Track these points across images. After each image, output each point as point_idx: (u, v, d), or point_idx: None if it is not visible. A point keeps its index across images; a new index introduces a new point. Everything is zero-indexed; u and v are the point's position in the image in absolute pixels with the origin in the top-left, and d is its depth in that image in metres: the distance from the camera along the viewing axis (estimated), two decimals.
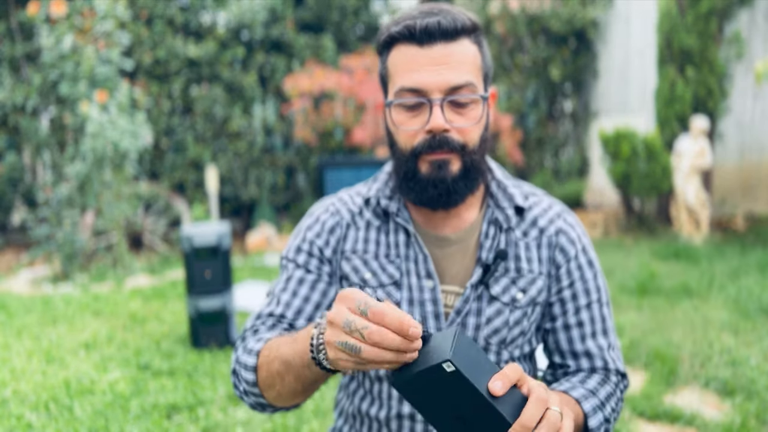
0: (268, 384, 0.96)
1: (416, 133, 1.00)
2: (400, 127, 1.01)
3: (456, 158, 1.01)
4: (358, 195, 1.15)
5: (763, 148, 6.53)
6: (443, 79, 0.97)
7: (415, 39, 0.98)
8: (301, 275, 1.09)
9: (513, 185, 1.13)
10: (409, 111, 1.00)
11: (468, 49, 0.99)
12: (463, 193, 1.04)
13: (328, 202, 1.17)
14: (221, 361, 3.32)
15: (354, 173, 3.76)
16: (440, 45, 0.97)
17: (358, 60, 6.70)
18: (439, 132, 0.98)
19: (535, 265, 1.07)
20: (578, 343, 1.08)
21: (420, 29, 0.96)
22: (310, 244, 1.12)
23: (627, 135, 6.05)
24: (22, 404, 2.82)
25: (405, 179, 1.04)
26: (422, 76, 0.97)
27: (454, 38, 0.98)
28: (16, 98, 6.32)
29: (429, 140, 0.99)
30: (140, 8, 6.70)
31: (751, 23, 6.42)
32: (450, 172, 1.01)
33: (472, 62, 0.99)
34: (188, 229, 3.58)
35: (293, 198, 7.58)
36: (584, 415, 0.97)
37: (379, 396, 1.08)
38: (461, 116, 1.00)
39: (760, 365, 2.99)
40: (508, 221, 1.08)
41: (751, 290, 4.16)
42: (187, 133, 6.99)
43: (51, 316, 4.20)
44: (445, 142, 0.99)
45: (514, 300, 1.05)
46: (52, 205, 5.52)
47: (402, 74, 0.99)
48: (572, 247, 1.09)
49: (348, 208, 1.14)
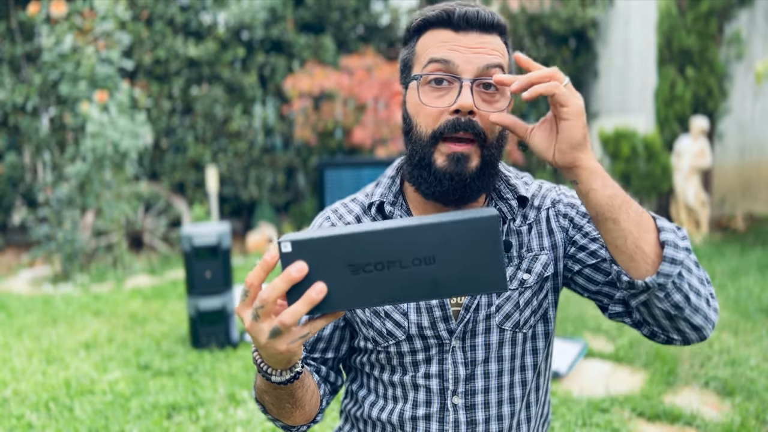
0: (276, 413, 0.97)
1: (440, 113, 0.96)
2: (425, 105, 0.97)
3: (476, 151, 0.97)
4: (353, 202, 1.13)
5: (763, 148, 6.53)
6: (475, 59, 0.95)
7: (452, 24, 0.96)
8: None
9: (515, 176, 1.12)
10: (436, 90, 0.96)
11: (500, 45, 0.99)
12: (479, 191, 1.00)
13: (323, 217, 1.14)
14: (221, 361, 3.32)
15: (354, 173, 3.75)
16: (475, 34, 0.96)
17: (358, 60, 6.70)
18: (466, 112, 0.94)
19: (535, 243, 1.06)
20: (603, 251, 1.01)
21: (459, 15, 0.95)
22: None
23: (627, 135, 6.05)
24: (22, 404, 2.82)
25: (419, 167, 0.99)
26: (454, 54, 0.95)
27: (488, 31, 0.97)
28: (16, 98, 6.32)
29: (454, 121, 0.94)
30: (140, 8, 6.70)
31: (751, 23, 6.42)
32: (468, 167, 0.96)
33: (502, 56, 0.98)
34: (188, 229, 3.58)
35: (293, 198, 7.58)
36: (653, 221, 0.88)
37: (393, 400, 1.07)
38: (488, 103, 0.96)
39: (760, 365, 2.99)
40: (512, 212, 1.07)
41: (751, 290, 4.16)
42: (187, 133, 6.99)
43: (51, 316, 4.20)
44: (470, 126, 0.94)
45: (522, 282, 1.04)
46: (52, 205, 5.52)
47: (433, 49, 0.97)
48: (572, 208, 1.08)
49: (345, 221, 1.11)
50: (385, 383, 1.08)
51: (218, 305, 3.51)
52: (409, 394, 1.05)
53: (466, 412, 1.03)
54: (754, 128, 6.55)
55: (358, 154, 6.67)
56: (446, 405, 1.03)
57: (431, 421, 1.04)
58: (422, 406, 1.04)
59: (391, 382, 1.07)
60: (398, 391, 1.06)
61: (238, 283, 4.85)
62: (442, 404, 1.03)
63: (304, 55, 7.25)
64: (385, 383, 1.08)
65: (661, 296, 0.86)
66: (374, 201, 1.08)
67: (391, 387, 1.07)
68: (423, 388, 1.04)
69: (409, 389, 1.05)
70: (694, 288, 0.88)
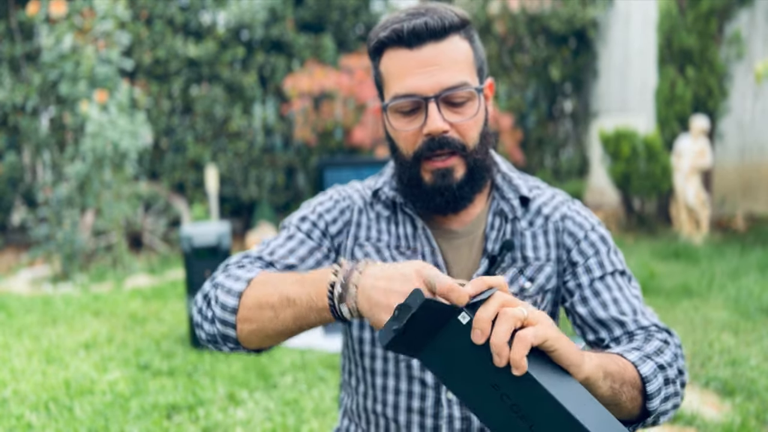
0: (251, 316, 0.91)
1: (416, 136, 0.99)
2: (399, 130, 1.01)
3: (459, 163, 1.00)
4: (368, 188, 1.15)
5: (763, 148, 6.53)
6: (436, 80, 0.96)
7: (403, 42, 0.97)
8: (302, 238, 1.08)
9: (518, 177, 1.12)
10: (406, 115, 1.00)
11: (459, 47, 0.98)
12: (470, 197, 1.03)
13: (341, 187, 1.17)
14: (221, 361, 3.32)
15: (354, 173, 3.75)
16: (429, 45, 0.96)
17: (358, 60, 6.69)
18: (438, 134, 0.98)
19: (542, 252, 1.06)
20: (600, 311, 1.02)
21: (408, 32, 0.96)
22: (318, 216, 1.10)
23: (627, 135, 6.05)
24: (22, 404, 2.82)
25: (409, 186, 1.03)
26: (415, 80, 0.97)
27: (443, 37, 0.97)
28: (16, 98, 6.32)
29: (428, 143, 0.98)
30: (140, 8, 6.70)
31: (751, 23, 6.42)
32: (454, 179, 1.00)
33: (464, 60, 0.99)
34: (188, 229, 3.58)
35: (293, 198, 7.57)
36: (632, 364, 0.88)
37: (383, 390, 1.07)
38: (458, 114, 0.99)
39: (760, 365, 2.99)
40: (513, 211, 1.07)
41: (751, 290, 4.16)
42: (187, 133, 6.99)
43: (51, 316, 4.19)
44: (446, 143, 0.98)
45: (522, 290, 1.04)
46: (52, 205, 5.52)
47: (395, 80, 0.99)
48: (580, 229, 1.08)
49: (360, 195, 1.13)
50: (379, 373, 1.07)
51: None
52: (403, 386, 1.05)
53: (460, 407, 1.03)
54: (754, 128, 6.54)
55: (358, 154, 6.66)
56: (440, 400, 1.03)
57: (425, 415, 1.04)
58: (416, 399, 1.04)
59: (385, 372, 1.06)
60: (391, 382, 1.06)
61: None
62: (436, 398, 1.03)
63: (304, 54, 7.25)
64: (378, 373, 1.07)
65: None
66: (379, 187, 1.12)
67: (383, 377, 1.07)
68: (417, 381, 1.04)
69: (402, 381, 1.05)
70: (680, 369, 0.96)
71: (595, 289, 1.04)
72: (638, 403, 0.88)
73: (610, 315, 1.01)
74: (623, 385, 0.84)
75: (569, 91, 7.92)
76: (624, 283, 1.05)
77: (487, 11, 7.54)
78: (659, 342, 0.96)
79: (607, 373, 0.80)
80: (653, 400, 0.88)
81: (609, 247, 1.08)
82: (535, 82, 7.67)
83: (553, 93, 7.85)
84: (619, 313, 1.01)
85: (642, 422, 0.90)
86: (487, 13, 7.53)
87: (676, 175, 5.85)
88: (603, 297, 1.03)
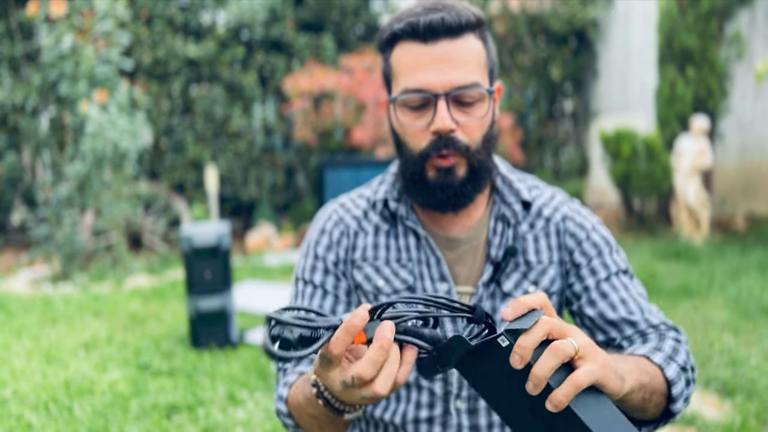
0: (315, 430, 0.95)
1: (423, 133, 0.99)
2: (406, 125, 1.00)
3: (461, 161, 0.99)
4: (360, 198, 1.14)
5: (763, 148, 6.52)
6: (448, 78, 0.95)
7: (418, 36, 0.96)
8: (319, 300, 1.07)
9: (518, 179, 1.12)
10: (414, 110, 0.99)
11: (472, 46, 0.97)
12: (472, 195, 1.03)
13: (331, 210, 1.14)
14: (221, 361, 3.32)
15: (354, 173, 3.74)
16: (444, 42, 0.95)
17: (358, 60, 6.69)
18: (446, 133, 0.97)
19: (545, 255, 1.06)
20: (610, 312, 1.02)
21: (423, 26, 0.95)
22: (323, 261, 1.09)
23: (627, 135, 6.05)
24: (22, 404, 2.81)
25: (412, 181, 1.03)
26: (427, 75, 0.95)
27: (458, 35, 0.96)
28: (16, 98, 6.32)
29: (435, 141, 0.98)
30: (140, 8, 6.70)
31: (751, 23, 6.42)
32: (456, 176, 0.99)
33: (476, 60, 0.98)
34: (188, 229, 3.58)
35: (293, 198, 7.57)
36: (659, 367, 0.90)
37: (395, 399, 1.06)
38: (466, 114, 0.98)
39: (760, 365, 2.99)
40: (515, 216, 1.07)
41: (752, 290, 4.16)
42: (187, 133, 6.99)
43: (51, 316, 4.19)
44: (451, 143, 0.97)
45: (526, 293, 1.03)
46: (52, 205, 5.52)
47: (406, 74, 0.98)
48: (581, 230, 1.08)
49: (352, 214, 1.12)
50: None
51: (218, 305, 3.51)
52: (412, 395, 1.04)
53: (469, 416, 1.02)
54: (754, 128, 6.54)
55: (358, 154, 6.66)
56: (449, 409, 1.02)
57: (434, 424, 1.03)
58: (425, 408, 1.03)
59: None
60: (401, 390, 1.05)
61: (237, 283, 4.84)
62: (445, 408, 1.03)
63: (304, 54, 7.25)
64: None
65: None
66: (379, 198, 1.11)
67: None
68: (426, 390, 1.03)
69: (412, 390, 1.04)
70: (694, 369, 0.98)
71: (602, 291, 1.04)
72: (662, 406, 0.90)
73: (620, 316, 1.02)
74: (653, 395, 0.87)
75: (569, 91, 7.92)
76: (628, 282, 1.06)
77: (487, 11, 7.53)
78: (672, 341, 0.98)
79: (641, 386, 0.82)
80: (677, 403, 0.91)
81: (611, 246, 1.08)
82: (535, 82, 7.67)
83: (553, 93, 7.85)
84: (628, 314, 1.02)
85: (663, 422, 0.93)
86: (487, 13, 7.52)
87: (676, 175, 5.85)
88: (611, 298, 1.04)
